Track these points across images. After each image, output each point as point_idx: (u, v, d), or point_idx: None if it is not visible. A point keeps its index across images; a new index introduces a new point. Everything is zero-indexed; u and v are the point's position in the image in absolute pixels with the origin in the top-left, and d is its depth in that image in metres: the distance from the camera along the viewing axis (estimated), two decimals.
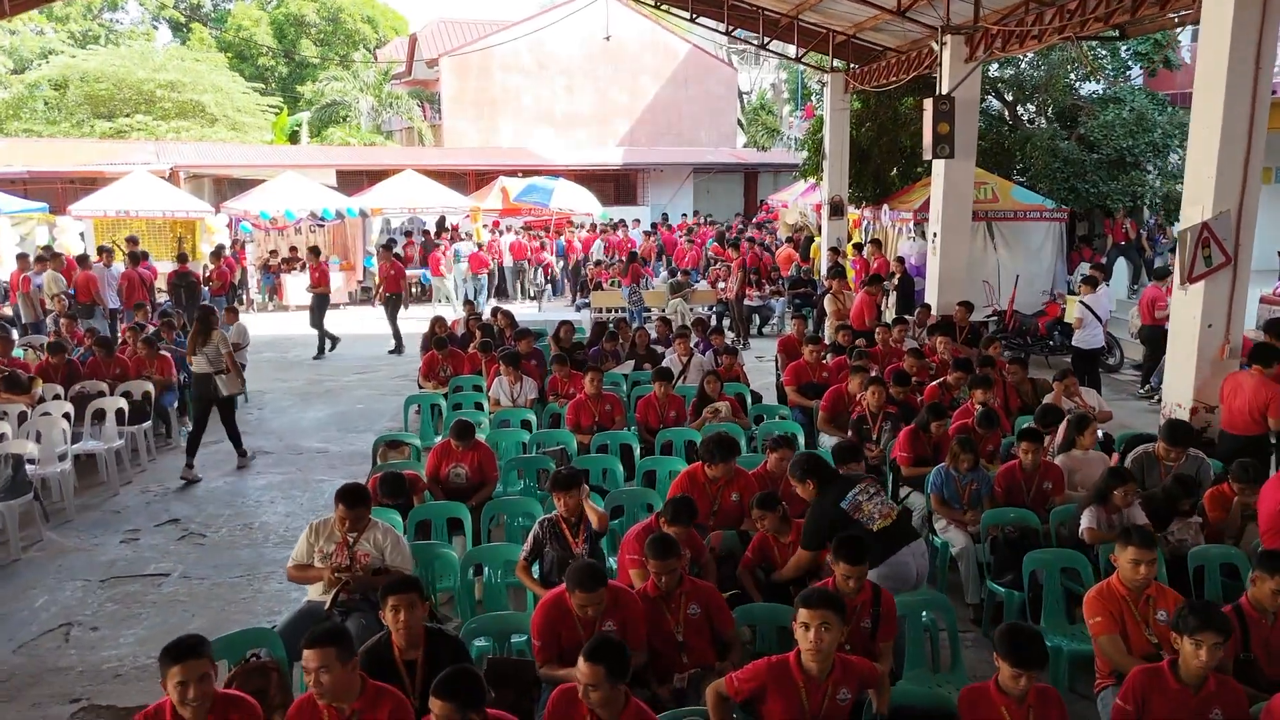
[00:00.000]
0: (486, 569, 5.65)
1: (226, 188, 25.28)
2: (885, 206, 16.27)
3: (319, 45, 41.73)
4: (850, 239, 17.50)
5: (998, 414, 7.48)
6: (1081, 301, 11.24)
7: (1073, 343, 11.40)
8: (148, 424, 9.76)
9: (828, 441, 8.42)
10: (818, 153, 17.23)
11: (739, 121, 36.37)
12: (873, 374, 9.25)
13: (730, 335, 17.01)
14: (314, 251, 17.05)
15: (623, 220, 25.10)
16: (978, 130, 18.17)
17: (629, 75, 32.11)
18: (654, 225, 27.55)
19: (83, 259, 15.07)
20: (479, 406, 9.35)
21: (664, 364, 10.13)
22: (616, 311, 17.81)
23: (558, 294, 22.69)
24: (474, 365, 10.47)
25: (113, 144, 24.59)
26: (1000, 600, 5.81)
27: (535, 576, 5.40)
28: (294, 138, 32.15)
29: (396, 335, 15.57)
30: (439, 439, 8.66)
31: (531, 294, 21.68)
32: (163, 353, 10.55)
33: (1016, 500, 6.41)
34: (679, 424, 8.50)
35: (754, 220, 26.19)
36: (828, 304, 12.87)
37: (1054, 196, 14.23)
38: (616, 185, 30.15)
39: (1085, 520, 5.84)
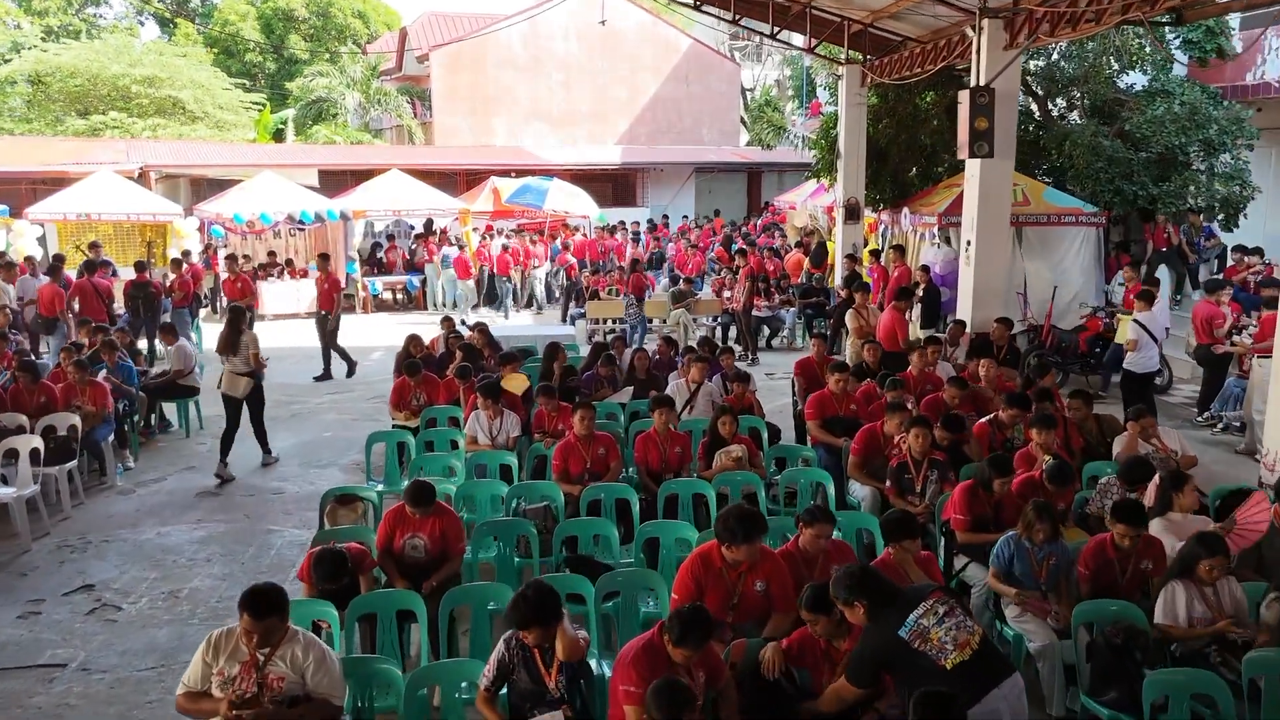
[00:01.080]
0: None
1: (205, 189, 23.99)
2: (905, 210, 15.01)
3: (308, 41, 40.43)
4: (865, 244, 16.25)
5: (1071, 468, 6.22)
6: (1136, 320, 9.98)
7: (1125, 365, 10.13)
8: (73, 464, 8.48)
9: (860, 492, 7.17)
10: (831, 151, 15.95)
11: (742, 119, 35.08)
12: (909, 406, 8.07)
13: (736, 348, 15.77)
14: (231, 260, 15.46)
15: (621, 223, 23.81)
16: None
17: (628, 71, 30.83)
18: (653, 225, 26.33)
19: (53, 269, 13.71)
20: (454, 445, 8.10)
21: (667, 391, 8.91)
22: (615, 323, 16.57)
23: (550, 301, 21.44)
24: (451, 393, 9.22)
25: (81, 142, 23.28)
26: None
27: (502, 707, 4.14)
28: (280, 136, 30.88)
29: (327, 358, 13.69)
30: (406, 483, 7.45)
31: (555, 298, 20.40)
32: (97, 379, 9.25)
33: (1106, 581, 5.16)
34: (684, 464, 7.26)
35: (760, 222, 24.87)
36: (849, 320, 11.60)
37: (1097, 199, 12.95)
38: (614, 185, 28.85)
39: (1164, 609, 4.70)
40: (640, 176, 28.53)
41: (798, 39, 18.09)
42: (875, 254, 15.10)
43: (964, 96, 10.03)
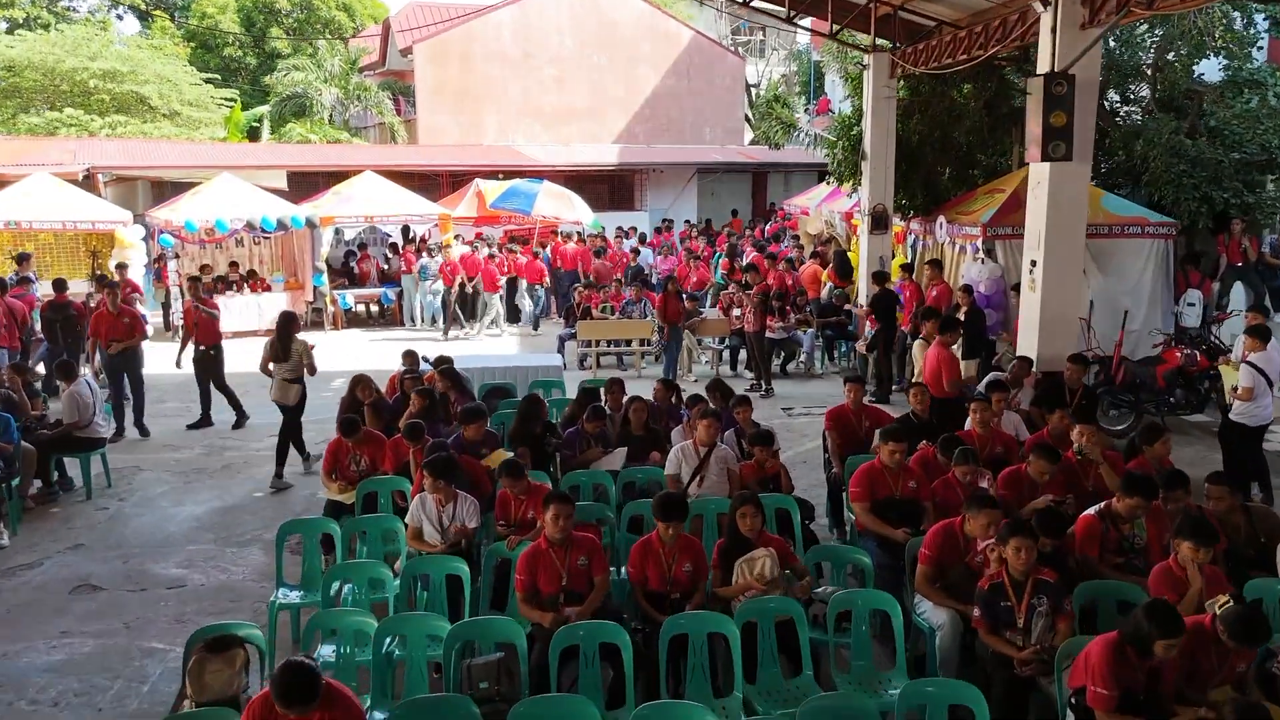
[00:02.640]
0: None
1: (170, 192, 22.04)
2: (941, 218, 13.12)
3: (291, 35, 38.51)
4: (893, 256, 14.34)
5: (1267, 620, 4.33)
6: (1247, 362, 8.10)
7: (1233, 416, 8.26)
8: None
9: (934, 616, 5.28)
10: (854, 151, 14.06)
11: (746, 117, 33.18)
12: (985, 485, 6.22)
13: (747, 373, 13.92)
14: (110, 291, 11.30)
15: (620, 228, 21.88)
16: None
17: (625, 65, 28.91)
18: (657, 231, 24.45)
19: None
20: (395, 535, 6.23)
21: (671, 454, 7.02)
22: (610, 344, 14.70)
23: (543, 314, 19.57)
24: (399, 457, 7.34)
25: (26, 142, 21.32)
26: None
27: None
28: (255, 135, 28.97)
29: (207, 405, 11.38)
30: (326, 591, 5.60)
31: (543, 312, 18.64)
32: None
33: None
34: (697, 582, 5.37)
35: (769, 229, 22.92)
36: (918, 357, 9.61)
37: (1180, 209, 11.06)
38: (611, 187, 26.92)
39: None
40: (639, 178, 26.61)
41: (802, 24, 16.27)
42: (907, 268, 13.22)
43: (1035, 86, 8.15)
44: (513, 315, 18.90)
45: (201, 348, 11.18)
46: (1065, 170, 8.56)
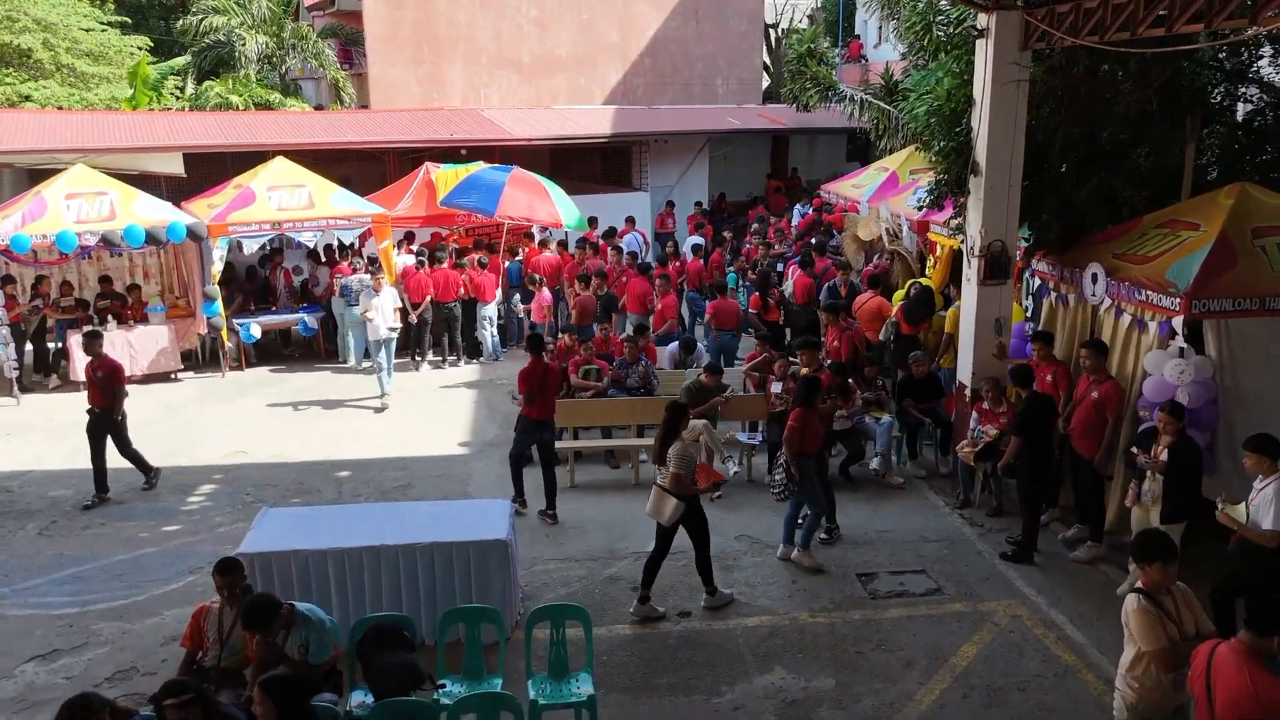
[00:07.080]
0: None
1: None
2: (1094, 268, 8.59)
3: None
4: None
5: None
6: None
7: None
8: None
9: None
10: (960, 160, 9.38)
11: (765, 65, 28.27)
12: None
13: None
14: None
15: (619, 226, 17.18)
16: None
17: (620, 5, 23.97)
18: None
19: None
20: None
21: None
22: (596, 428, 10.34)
23: (510, 342, 15.14)
24: None
25: None
26: None
27: None
28: (184, 93, 24.02)
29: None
30: None
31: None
32: None
33: None
34: None
35: (799, 223, 18.15)
36: (1135, 627, 4.90)
37: None
38: (604, 161, 22.21)
39: None
40: (638, 148, 21.82)
41: None
42: (1045, 339, 8.78)
43: None
44: (472, 349, 14.51)
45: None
46: None
